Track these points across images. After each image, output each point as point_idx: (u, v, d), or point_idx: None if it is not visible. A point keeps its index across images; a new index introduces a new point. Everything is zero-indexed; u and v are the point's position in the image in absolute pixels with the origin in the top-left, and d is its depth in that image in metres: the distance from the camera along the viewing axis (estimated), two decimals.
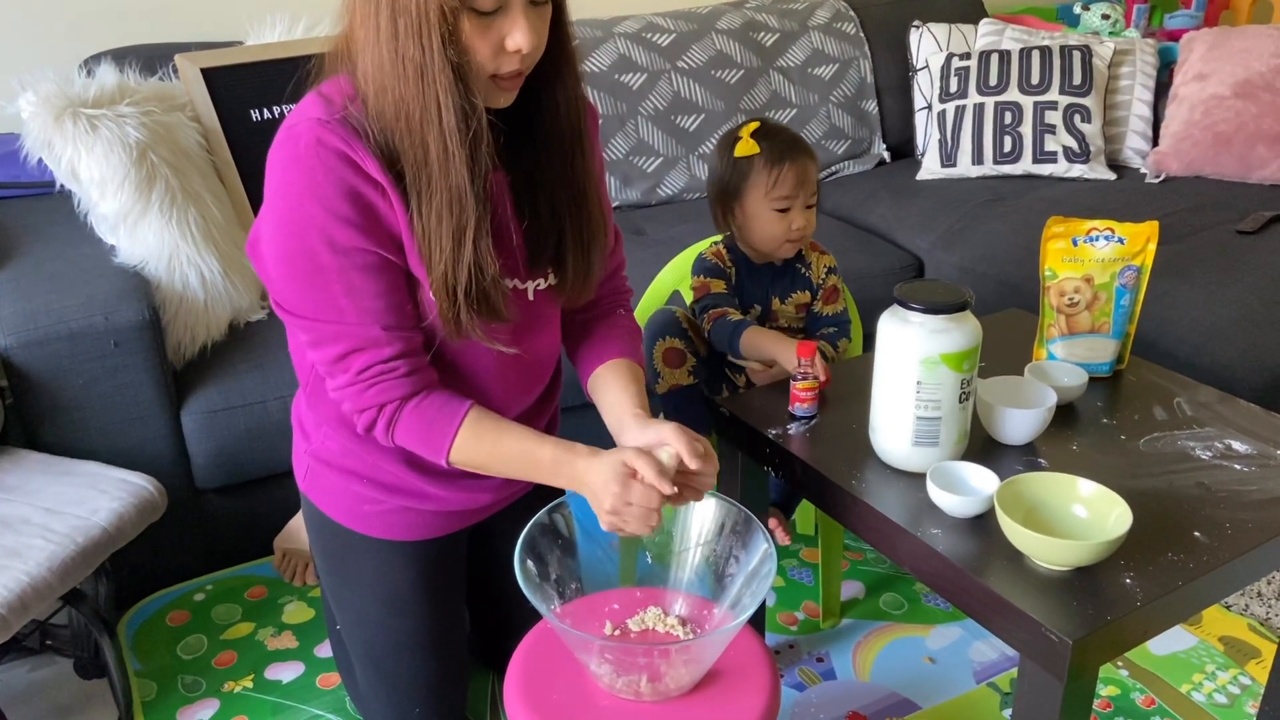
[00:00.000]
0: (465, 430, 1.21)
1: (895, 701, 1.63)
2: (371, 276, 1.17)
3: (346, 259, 1.16)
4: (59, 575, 1.43)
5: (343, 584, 1.47)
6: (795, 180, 1.64)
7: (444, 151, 1.11)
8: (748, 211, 1.67)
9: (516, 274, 1.29)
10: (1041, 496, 1.19)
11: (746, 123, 1.68)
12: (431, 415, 1.22)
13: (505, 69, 1.12)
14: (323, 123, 1.13)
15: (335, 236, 1.14)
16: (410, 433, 1.23)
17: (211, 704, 1.65)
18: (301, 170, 1.14)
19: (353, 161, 1.13)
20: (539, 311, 1.33)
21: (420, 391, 1.22)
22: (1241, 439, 1.37)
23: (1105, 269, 1.48)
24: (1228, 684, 1.66)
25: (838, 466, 1.32)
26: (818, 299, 1.74)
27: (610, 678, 1.19)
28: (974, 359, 1.25)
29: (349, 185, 1.13)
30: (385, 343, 1.19)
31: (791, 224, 1.65)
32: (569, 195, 1.27)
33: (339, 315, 1.18)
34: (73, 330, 1.67)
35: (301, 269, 1.17)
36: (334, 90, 1.17)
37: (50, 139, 1.80)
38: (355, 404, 1.22)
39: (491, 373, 1.32)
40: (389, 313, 1.19)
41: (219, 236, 1.92)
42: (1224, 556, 1.15)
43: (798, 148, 1.66)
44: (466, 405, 1.23)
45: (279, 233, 1.17)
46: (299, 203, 1.14)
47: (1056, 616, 1.06)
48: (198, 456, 1.82)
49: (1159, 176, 2.61)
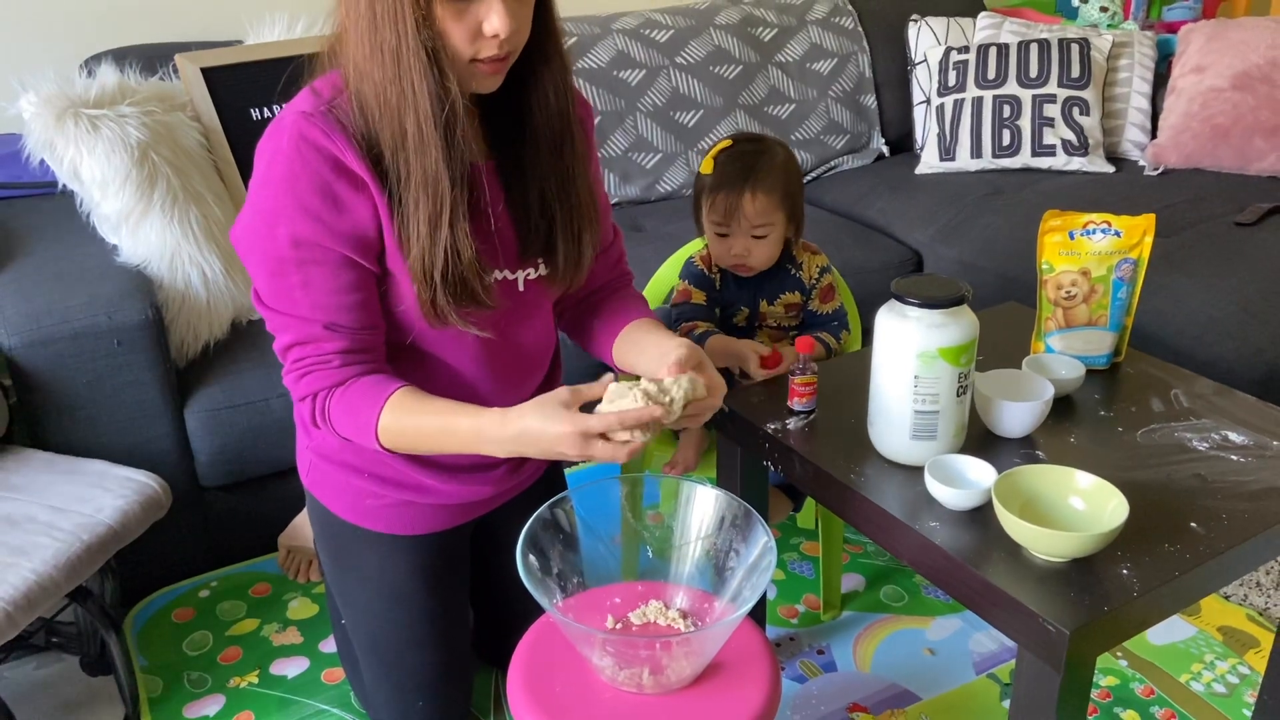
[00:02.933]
0: (388, 412, 1.19)
1: (896, 693, 1.64)
2: (329, 272, 1.19)
3: (307, 253, 1.18)
4: (65, 573, 1.44)
5: (346, 578, 1.49)
6: (726, 211, 1.63)
7: (419, 135, 1.13)
8: (703, 226, 1.70)
9: (506, 263, 1.29)
10: (1039, 489, 1.20)
11: (728, 138, 1.69)
12: (357, 400, 1.20)
13: (485, 53, 1.12)
14: (306, 115, 1.16)
15: (300, 229, 1.17)
16: (341, 419, 1.22)
17: (217, 699, 1.66)
18: (281, 162, 1.16)
19: (332, 154, 1.15)
20: (529, 301, 1.34)
21: (350, 379, 1.21)
22: (1238, 430, 1.38)
23: (1102, 262, 1.49)
24: (1226, 673, 1.67)
25: (836, 461, 1.33)
26: (813, 298, 1.75)
27: (612, 670, 1.20)
28: (971, 352, 1.25)
29: (323, 179, 1.16)
30: (325, 339, 1.20)
31: (730, 249, 1.66)
32: (558, 184, 1.27)
33: (292, 306, 1.20)
34: (76, 330, 1.68)
35: (269, 257, 1.19)
36: (325, 85, 1.20)
37: (52, 139, 1.81)
38: (294, 394, 1.24)
39: (479, 366, 1.32)
40: (339, 311, 1.20)
41: (220, 235, 1.93)
42: (1220, 547, 1.16)
43: (743, 179, 1.62)
44: (393, 388, 1.20)
45: (255, 221, 1.20)
46: (274, 194, 1.17)
47: (1054, 608, 1.07)
48: (201, 454, 1.83)
49: (1157, 169, 2.61)
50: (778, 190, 1.63)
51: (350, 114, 1.17)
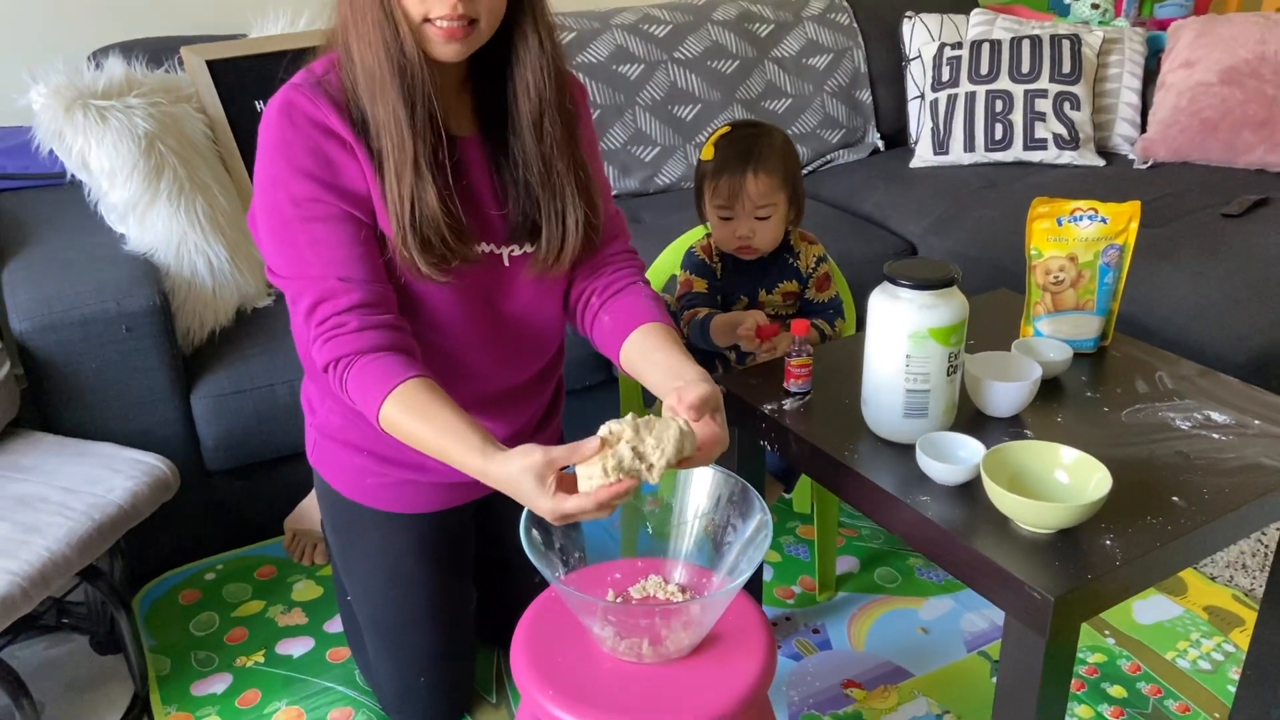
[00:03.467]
0: (393, 400, 1.18)
1: (889, 670, 1.68)
2: (332, 227, 1.23)
3: (308, 210, 1.22)
4: (77, 551, 1.47)
5: (350, 555, 1.52)
6: (730, 193, 1.67)
7: (378, 82, 1.18)
8: (705, 212, 1.74)
9: (492, 238, 1.33)
10: (1026, 464, 1.24)
11: (726, 124, 1.73)
12: (372, 377, 1.20)
13: (436, 13, 1.15)
14: (296, 87, 1.22)
15: (296, 189, 1.21)
16: (356, 392, 1.22)
17: (224, 678, 1.70)
18: (273, 130, 1.22)
19: (318, 119, 1.20)
20: (515, 276, 1.36)
21: (374, 350, 1.22)
22: (1220, 410, 1.41)
23: (1089, 248, 1.53)
24: (1211, 651, 1.71)
25: (831, 439, 1.37)
26: (809, 287, 1.79)
27: (613, 641, 1.24)
28: (961, 333, 1.29)
29: (313, 141, 1.21)
30: (341, 293, 1.22)
31: (735, 231, 1.70)
32: (540, 168, 1.30)
33: (304, 267, 1.23)
34: (85, 316, 1.71)
35: (274, 224, 1.24)
36: (320, 64, 1.26)
37: (61, 130, 1.84)
38: (320, 361, 1.24)
39: (468, 338, 1.35)
40: (348, 264, 1.23)
41: (225, 224, 1.97)
42: (1201, 520, 1.20)
43: (745, 161, 1.66)
44: (407, 375, 1.20)
45: (258, 193, 1.25)
46: (271, 161, 1.22)
47: (1039, 576, 1.11)
48: (207, 439, 1.87)
49: (1147, 163, 2.65)
50: (778, 170, 1.68)
51: (339, 85, 1.22)
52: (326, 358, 1.23)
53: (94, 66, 1.97)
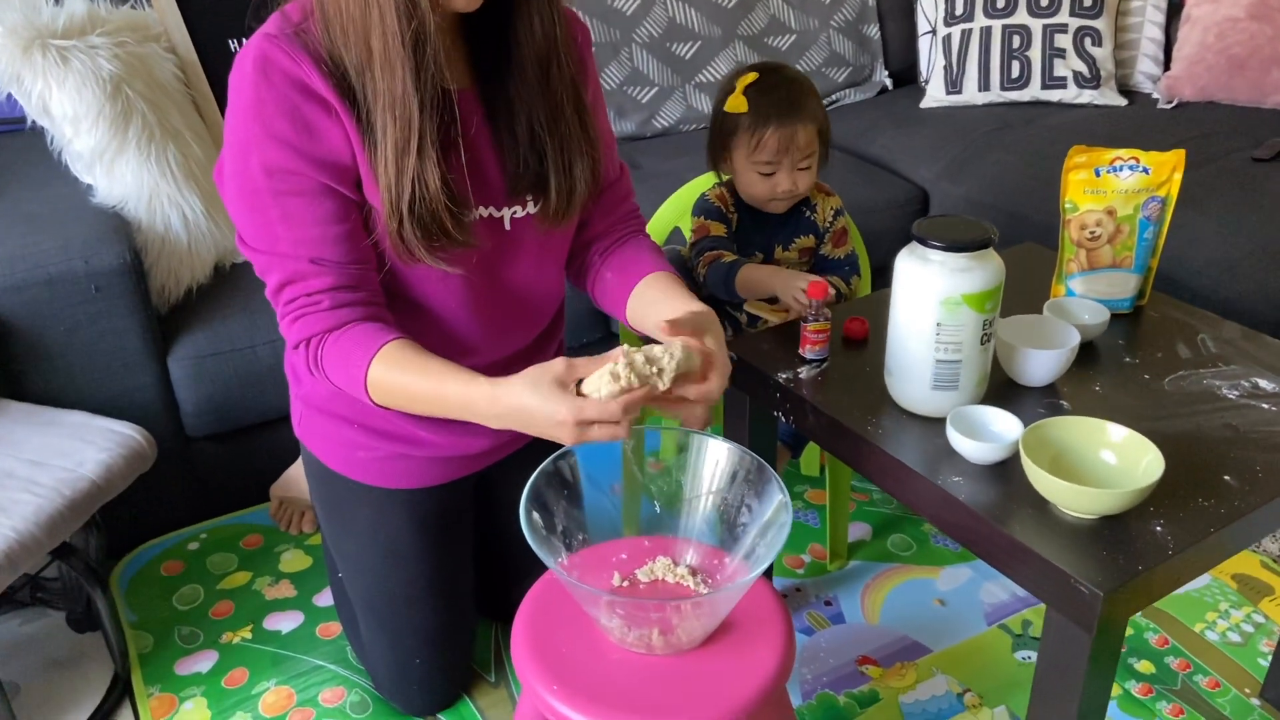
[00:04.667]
0: (377, 365, 1.11)
1: (905, 645, 1.61)
2: (308, 202, 1.11)
3: (282, 182, 1.10)
4: (46, 530, 1.38)
5: (341, 532, 1.43)
6: (778, 146, 1.57)
7: (385, 54, 1.05)
8: (735, 166, 1.63)
9: (491, 200, 1.22)
10: (1068, 442, 1.15)
11: (746, 71, 1.60)
12: (349, 348, 1.13)
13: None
14: (271, 38, 1.09)
15: (272, 158, 1.09)
16: (334, 368, 1.14)
17: (210, 655, 1.62)
18: (247, 88, 1.09)
19: (297, 78, 1.08)
20: (517, 241, 1.26)
21: (347, 324, 1.14)
22: (1269, 377, 1.32)
23: (1129, 200, 1.42)
24: (1241, 622, 1.64)
25: (853, 412, 1.27)
26: (826, 242, 1.68)
27: (621, 631, 1.16)
28: (997, 299, 1.19)
29: (291, 103, 1.08)
30: (313, 275, 1.13)
31: (776, 186, 1.60)
32: (547, 114, 1.19)
33: (274, 243, 1.13)
34: (51, 275, 1.60)
35: (244, 191, 1.12)
36: (295, 8, 1.12)
37: (19, 72, 1.71)
38: (290, 339, 1.16)
39: (464, 307, 1.25)
40: (322, 244, 1.13)
41: (200, 174, 1.84)
42: (1255, 501, 1.11)
43: (788, 111, 1.56)
44: (384, 339, 1.12)
45: (228, 154, 1.13)
46: (243, 122, 1.10)
47: (1086, 568, 1.02)
48: (186, 404, 1.77)
49: (1171, 102, 2.53)
50: (818, 115, 1.61)
51: (318, 36, 1.09)
52: (297, 336, 1.14)
53: (52, 2, 1.83)
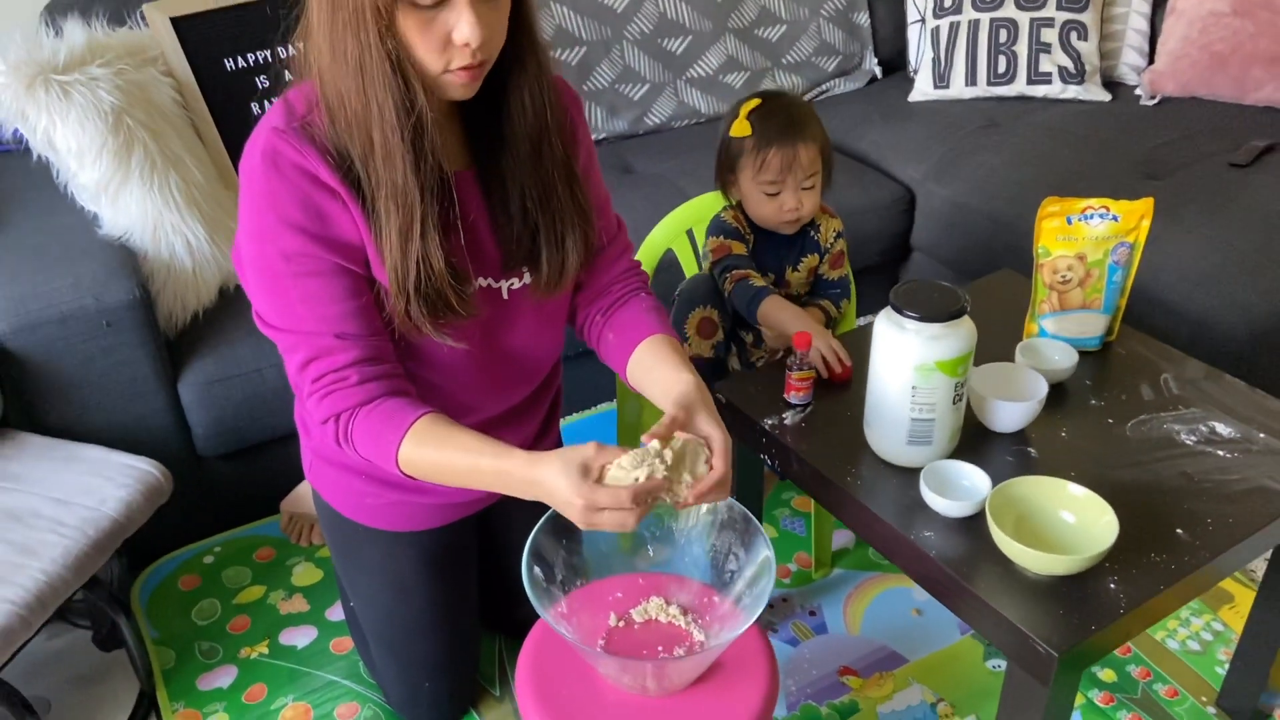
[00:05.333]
0: (408, 442, 1.16)
1: (884, 655, 1.71)
2: (325, 282, 1.17)
3: (299, 265, 1.16)
4: (74, 571, 1.46)
5: (352, 569, 1.52)
6: (781, 166, 1.63)
7: (385, 146, 1.10)
8: (742, 189, 1.68)
9: (489, 272, 1.28)
10: (1032, 501, 1.23)
11: (750, 98, 1.66)
12: (379, 425, 1.18)
13: (457, 63, 1.08)
14: (279, 132, 1.14)
15: (288, 244, 1.15)
16: (364, 443, 1.19)
17: (230, 671, 1.71)
18: (259, 180, 1.14)
19: (306, 169, 1.13)
20: (514, 309, 1.32)
21: (375, 399, 1.19)
22: (1225, 420, 1.40)
23: (1099, 246, 1.48)
24: (1201, 630, 1.74)
25: (833, 461, 1.35)
26: (824, 263, 1.75)
27: (617, 674, 1.25)
28: (968, 362, 1.26)
29: (303, 193, 1.14)
30: (338, 350, 1.18)
31: (782, 206, 1.65)
32: (539, 191, 1.24)
33: (297, 323, 1.19)
34: (64, 313, 1.66)
35: (264, 276, 1.18)
36: (299, 97, 1.17)
37: (24, 109, 1.74)
38: (318, 416, 1.21)
39: (461, 370, 1.31)
40: (344, 320, 1.18)
41: (202, 200, 1.89)
42: (1204, 556, 1.20)
43: (790, 131, 1.62)
44: (416, 415, 1.17)
45: (246, 242, 1.19)
46: (258, 212, 1.15)
47: (1043, 627, 1.11)
48: (198, 427, 1.84)
49: (1154, 98, 2.57)
50: (820, 136, 1.67)
51: (323, 127, 1.14)
52: (326, 412, 1.19)
53: (52, 32, 1.86)
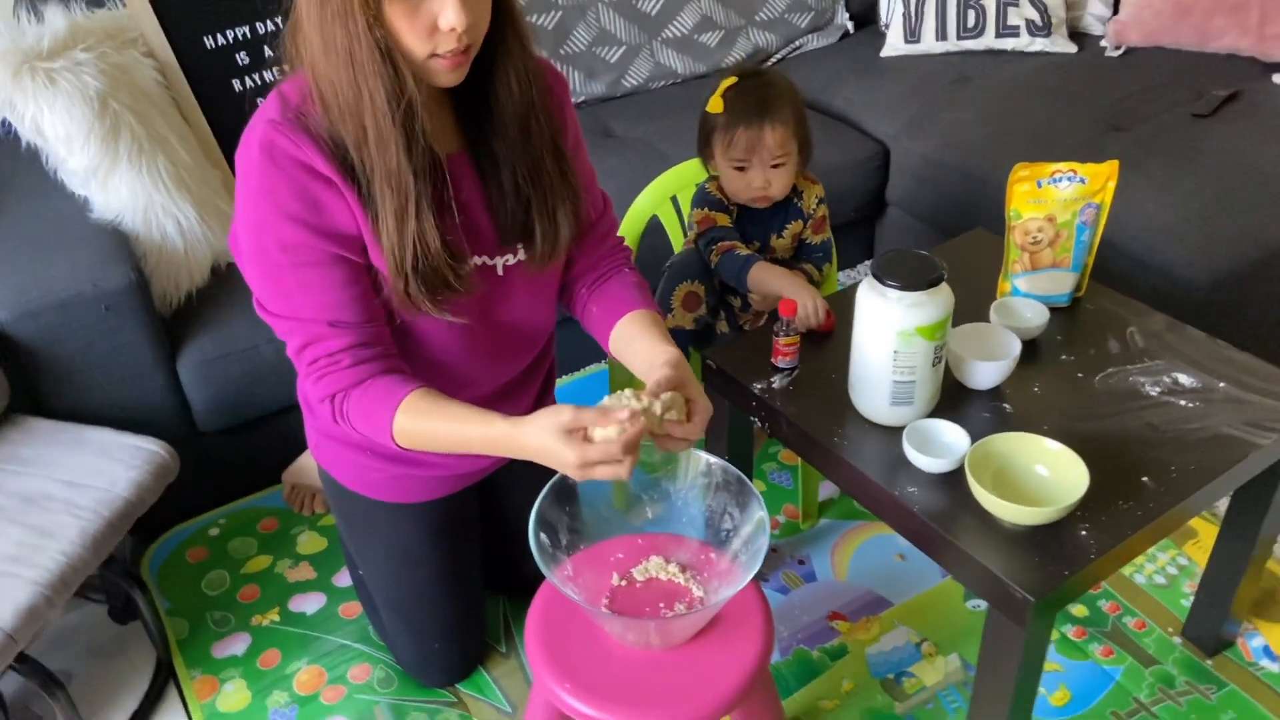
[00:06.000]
0: (401, 415, 1.21)
1: (871, 599, 1.80)
2: (321, 272, 1.22)
3: (296, 255, 1.21)
4: (92, 550, 1.51)
5: (360, 541, 1.58)
6: (747, 145, 1.67)
7: (378, 133, 1.14)
8: (717, 164, 1.73)
9: (485, 250, 1.32)
10: (1009, 456, 1.30)
11: (731, 74, 1.70)
12: (373, 402, 1.23)
13: (443, 48, 1.12)
14: (275, 124, 1.17)
15: (285, 235, 1.19)
16: (359, 420, 1.25)
17: (243, 638, 1.78)
18: (255, 172, 1.18)
19: (302, 161, 1.17)
20: (509, 284, 1.37)
21: (367, 379, 1.24)
22: (1188, 371, 1.48)
23: (1067, 208, 1.55)
24: (1166, 565, 1.84)
25: (820, 422, 1.42)
26: (807, 228, 1.81)
27: (622, 634, 1.32)
28: (946, 327, 1.33)
29: (299, 185, 1.18)
30: (332, 336, 1.24)
31: (751, 183, 1.70)
32: (528, 168, 1.29)
33: (294, 309, 1.24)
34: (63, 300, 1.69)
35: (263, 266, 1.23)
36: (292, 89, 1.20)
37: (11, 98, 1.76)
38: (314, 397, 1.27)
39: (459, 345, 1.36)
40: (339, 308, 1.23)
41: (190, 180, 1.91)
42: (1168, 503, 1.28)
43: (759, 113, 1.66)
44: (406, 390, 1.23)
45: (244, 232, 1.23)
46: (255, 203, 1.20)
47: (1020, 575, 1.19)
48: (197, 404, 1.88)
49: (1119, 48, 2.62)
50: (792, 120, 1.69)
51: (317, 118, 1.18)
52: (322, 393, 1.25)
53: (32, 18, 1.86)
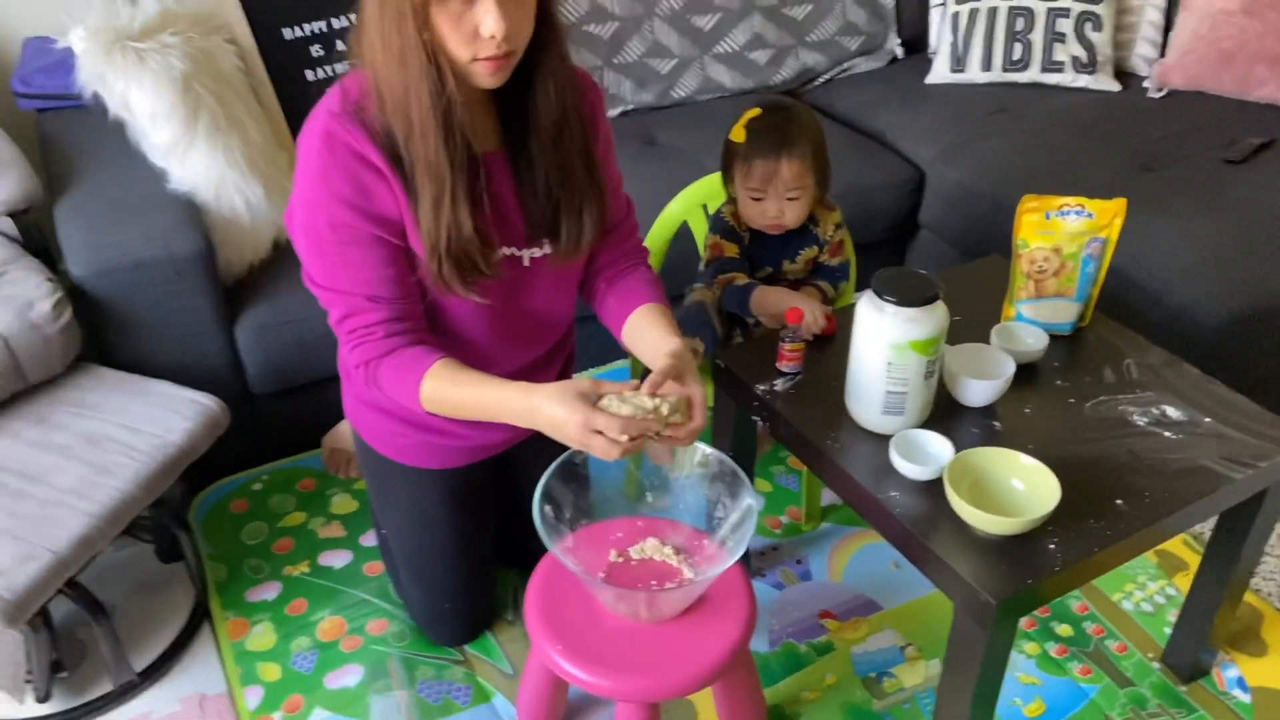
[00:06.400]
0: (427, 381, 1.34)
1: (862, 602, 1.88)
2: (364, 251, 1.35)
3: (343, 234, 1.34)
4: (145, 490, 1.66)
5: (385, 501, 1.71)
6: (763, 176, 1.75)
7: (420, 125, 1.27)
8: (736, 190, 1.82)
9: (515, 242, 1.45)
10: (986, 469, 1.39)
11: (756, 106, 1.79)
12: (401, 370, 1.37)
13: (484, 53, 1.24)
14: (335, 116, 1.31)
15: (335, 215, 1.33)
16: (390, 385, 1.39)
17: (274, 586, 1.92)
18: (315, 158, 1.32)
19: (356, 150, 1.30)
20: (534, 275, 1.48)
21: (398, 349, 1.37)
22: (1177, 405, 1.55)
23: (1074, 240, 1.62)
24: (1155, 594, 1.90)
25: (816, 426, 1.52)
26: (824, 252, 1.90)
27: (614, 604, 1.43)
28: (939, 344, 1.42)
29: (352, 171, 1.31)
30: (369, 309, 1.37)
31: (766, 211, 1.79)
32: (558, 171, 1.40)
33: (337, 282, 1.37)
34: (137, 260, 1.84)
35: (312, 241, 1.36)
36: (354, 85, 1.34)
37: (103, 73, 1.92)
38: (350, 363, 1.41)
39: (486, 327, 1.49)
40: (377, 284, 1.36)
41: (260, 160, 2.06)
42: (1137, 524, 1.35)
43: (777, 146, 1.73)
44: (433, 359, 1.35)
45: (299, 210, 1.37)
46: (311, 186, 1.33)
47: (986, 579, 1.27)
48: (251, 367, 2.03)
49: (1161, 90, 2.67)
50: (809, 155, 1.76)
51: (373, 113, 1.31)
52: (357, 360, 1.38)
53: (128, 1, 2.02)
